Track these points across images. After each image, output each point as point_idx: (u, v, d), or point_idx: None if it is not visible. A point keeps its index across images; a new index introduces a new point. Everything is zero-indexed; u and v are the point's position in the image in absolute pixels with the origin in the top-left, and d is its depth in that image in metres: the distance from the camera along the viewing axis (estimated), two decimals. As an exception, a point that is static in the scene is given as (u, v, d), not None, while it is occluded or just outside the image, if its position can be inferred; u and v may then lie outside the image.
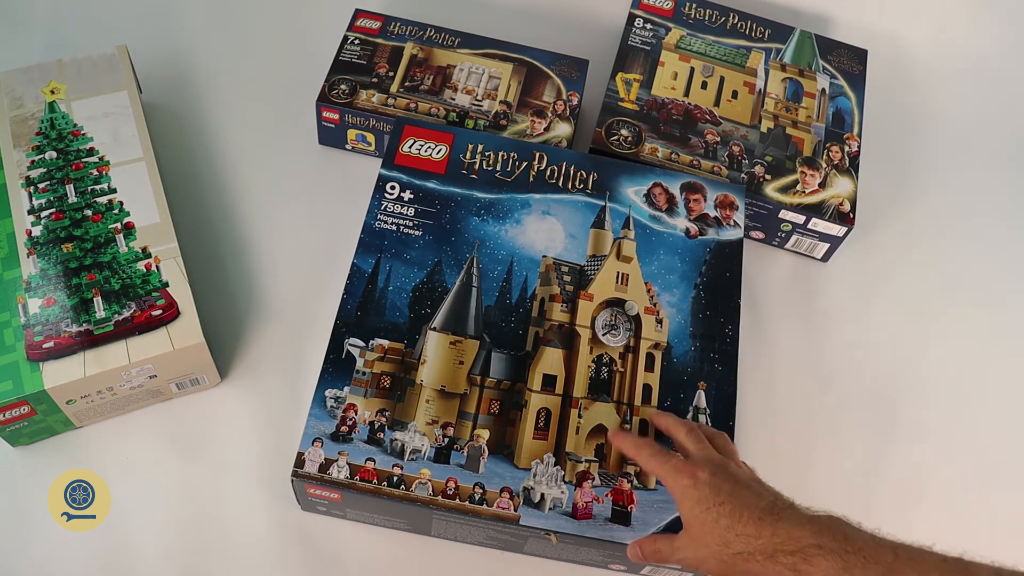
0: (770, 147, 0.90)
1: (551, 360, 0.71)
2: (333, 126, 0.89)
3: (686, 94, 0.93)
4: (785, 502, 0.57)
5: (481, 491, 0.64)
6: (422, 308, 0.72)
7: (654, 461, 0.61)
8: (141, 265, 0.73)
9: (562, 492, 0.65)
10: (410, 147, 0.80)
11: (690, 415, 0.70)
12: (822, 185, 0.87)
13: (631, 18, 0.99)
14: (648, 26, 0.98)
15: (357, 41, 0.92)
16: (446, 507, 0.64)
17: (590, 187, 0.79)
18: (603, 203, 0.78)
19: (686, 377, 0.71)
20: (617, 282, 0.74)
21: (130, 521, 0.69)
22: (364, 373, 0.68)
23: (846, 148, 0.90)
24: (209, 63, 0.97)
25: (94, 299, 0.70)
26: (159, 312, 0.70)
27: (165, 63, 0.96)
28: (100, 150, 0.79)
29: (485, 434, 0.67)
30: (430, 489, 0.64)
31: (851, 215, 0.85)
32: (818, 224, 0.86)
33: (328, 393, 0.67)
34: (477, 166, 0.79)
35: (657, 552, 0.61)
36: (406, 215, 0.76)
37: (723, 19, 1.00)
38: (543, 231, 0.76)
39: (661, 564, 0.63)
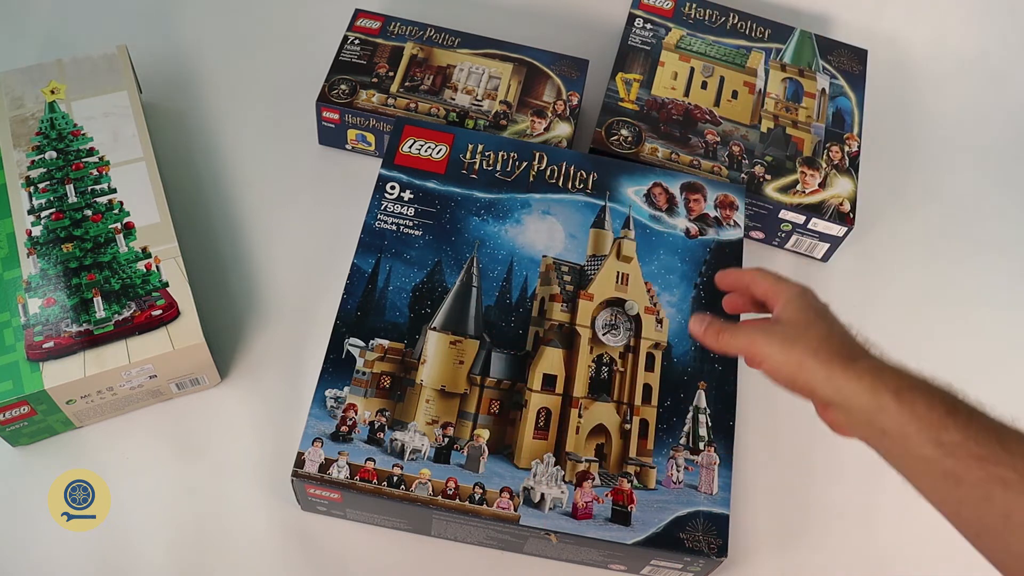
0: (770, 147, 0.90)
1: (551, 360, 0.71)
2: (333, 126, 0.89)
3: (686, 94, 0.93)
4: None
5: (481, 491, 0.64)
6: (422, 308, 0.72)
7: (746, 325, 0.54)
8: (141, 265, 0.73)
9: (562, 492, 0.65)
10: (410, 147, 0.80)
11: (690, 415, 0.70)
12: (822, 185, 0.87)
13: (631, 18, 0.99)
14: (648, 26, 0.98)
15: (357, 41, 0.92)
16: (446, 507, 0.64)
17: (590, 187, 0.79)
18: (603, 203, 0.78)
19: (686, 377, 0.71)
20: (617, 282, 0.74)
21: (130, 521, 0.69)
22: (364, 373, 0.68)
23: (846, 148, 0.90)
24: (209, 63, 0.97)
25: (94, 299, 0.70)
26: (159, 312, 0.70)
27: (165, 63, 0.96)
28: (100, 150, 0.79)
29: (485, 434, 0.67)
30: (430, 489, 0.64)
31: (851, 215, 0.85)
32: (818, 224, 0.86)
33: (328, 393, 0.67)
34: (477, 166, 0.79)
35: (737, 331, 0.54)
36: (406, 215, 0.76)
37: (723, 19, 1.00)
38: (543, 231, 0.76)
39: (725, 350, 0.56)
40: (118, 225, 0.74)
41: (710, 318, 0.56)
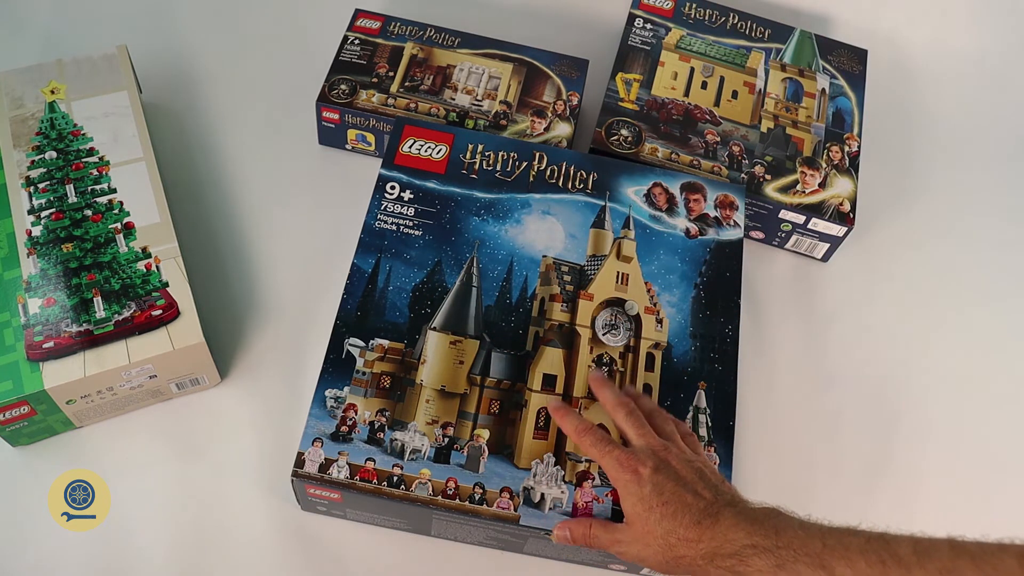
0: (770, 147, 0.90)
1: (551, 360, 0.71)
2: (333, 126, 0.89)
3: (686, 94, 0.93)
4: (725, 498, 0.57)
5: (481, 491, 0.64)
6: (422, 308, 0.72)
7: (595, 450, 0.61)
8: (141, 265, 0.73)
9: (562, 492, 0.65)
10: (410, 147, 0.80)
11: (690, 415, 0.70)
12: (822, 185, 0.87)
13: (631, 18, 0.99)
14: (648, 26, 0.98)
15: (357, 41, 0.92)
16: (446, 507, 0.64)
17: (590, 187, 0.79)
18: (603, 203, 0.78)
19: (686, 377, 0.71)
20: (617, 282, 0.74)
21: (130, 521, 0.69)
22: (364, 373, 0.68)
23: (846, 148, 0.90)
24: (209, 63, 0.97)
25: (94, 299, 0.70)
26: (159, 312, 0.70)
27: (165, 63, 0.96)
28: (100, 150, 0.79)
29: (485, 434, 0.67)
30: (430, 489, 0.64)
31: (851, 215, 0.85)
32: (818, 224, 0.86)
33: (328, 393, 0.67)
34: (477, 166, 0.79)
35: (593, 538, 0.61)
36: (406, 215, 0.76)
37: (723, 19, 1.00)
38: (543, 231, 0.76)
39: (592, 549, 0.63)
40: (118, 225, 0.74)
41: (572, 525, 0.63)
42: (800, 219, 0.86)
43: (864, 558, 0.49)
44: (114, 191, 0.76)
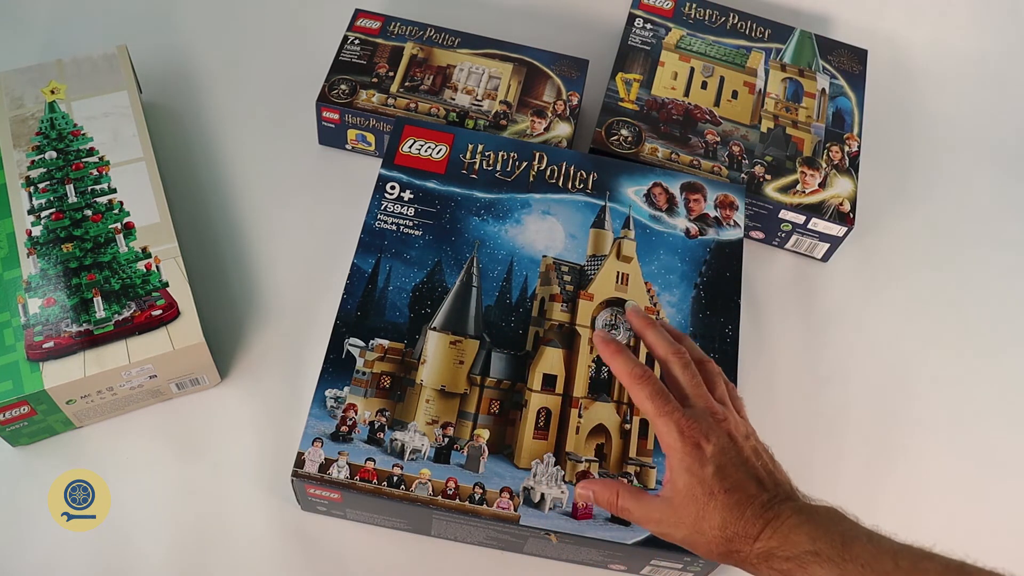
0: (770, 147, 0.90)
1: (551, 360, 0.71)
2: (333, 126, 0.89)
3: (686, 94, 0.93)
4: (784, 489, 0.53)
5: (481, 491, 0.64)
6: (422, 308, 0.72)
7: (651, 405, 0.54)
8: (141, 265, 0.73)
9: (562, 492, 0.65)
10: (410, 147, 0.80)
11: (690, 415, 0.69)
12: (822, 185, 0.87)
13: (631, 18, 0.99)
14: (648, 26, 0.98)
15: (357, 41, 0.92)
16: (446, 507, 0.64)
17: (590, 187, 0.79)
18: (603, 203, 0.78)
19: (686, 377, 0.71)
20: (617, 282, 0.74)
21: (130, 521, 0.69)
22: (364, 373, 0.68)
23: (846, 148, 0.90)
24: (209, 63, 0.97)
25: (94, 299, 0.70)
26: (159, 312, 0.70)
27: (165, 63, 0.96)
28: (100, 150, 0.79)
29: (485, 434, 0.67)
30: (430, 489, 0.64)
31: (851, 215, 0.85)
32: (818, 224, 0.86)
33: (328, 393, 0.67)
34: (477, 166, 0.79)
35: (622, 509, 0.56)
36: (406, 215, 0.76)
37: (723, 19, 1.00)
38: (543, 231, 0.76)
39: (614, 514, 0.58)
40: (118, 225, 0.74)
41: (596, 486, 0.58)
42: (800, 219, 0.86)
43: None
44: (114, 191, 0.76)
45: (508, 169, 0.79)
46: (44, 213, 0.74)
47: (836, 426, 0.80)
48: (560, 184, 0.79)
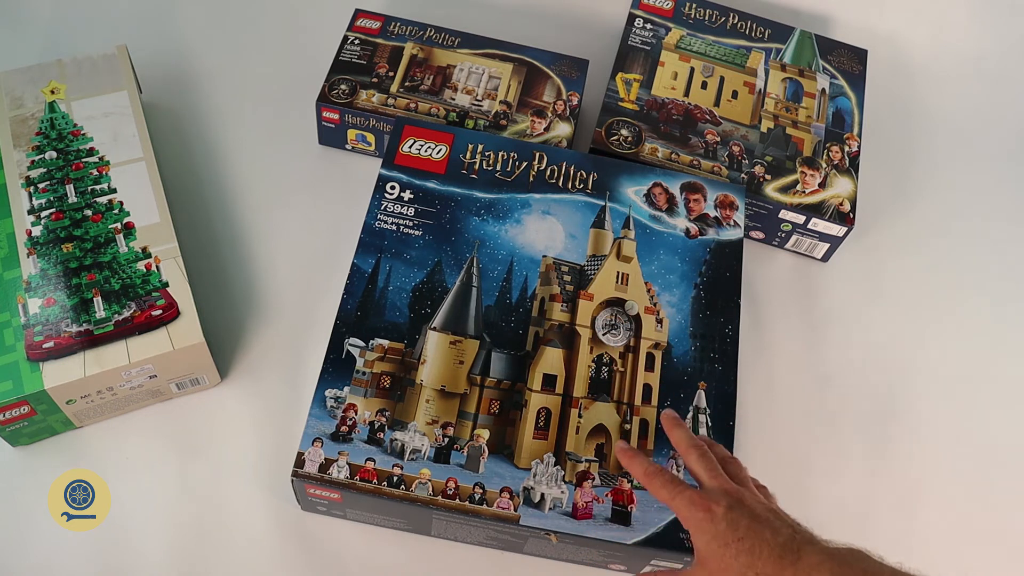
0: (770, 147, 0.90)
1: (551, 360, 0.71)
2: (333, 126, 0.89)
3: (686, 94, 0.93)
4: (804, 535, 0.55)
5: (481, 491, 0.64)
6: (422, 308, 0.72)
7: (665, 492, 0.58)
8: (141, 265, 0.73)
9: (562, 492, 0.65)
10: (410, 147, 0.80)
11: (690, 415, 0.70)
12: (822, 185, 0.87)
13: (631, 18, 0.99)
14: (648, 26, 0.98)
15: (357, 41, 0.92)
16: (446, 507, 0.64)
17: (590, 187, 0.79)
18: (603, 203, 0.78)
19: (686, 377, 0.71)
20: (617, 282, 0.74)
21: (130, 521, 0.69)
22: (364, 373, 0.68)
23: (846, 148, 0.90)
24: (209, 63, 0.97)
25: (94, 299, 0.70)
26: (159, 312, 0.70)
27: (165, 63, 0.96)
28: (100, 150, 0.79)
29: (485, 434, 0.67)
30: (430, 489, 0.64)
31: (851, 215, 0.85)
32: (818, 224, 0.86)
33: (328, 393, 0.67)
34: (477, 166, 0.79)
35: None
36: (406, 215, 0.76)
37: (723, 19, 1.00)
38: (543, 231, 0.76)
39: None
40: (118, 225, 0.74)
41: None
42: (800, 219, 0.86)
43: None
44: (114, 191, 0.76)
45: (508, 169, 0.79)
46: (44, 213, 0.74)
47: (836, 426, 0.80)
48: (560, 184, 0.79)
